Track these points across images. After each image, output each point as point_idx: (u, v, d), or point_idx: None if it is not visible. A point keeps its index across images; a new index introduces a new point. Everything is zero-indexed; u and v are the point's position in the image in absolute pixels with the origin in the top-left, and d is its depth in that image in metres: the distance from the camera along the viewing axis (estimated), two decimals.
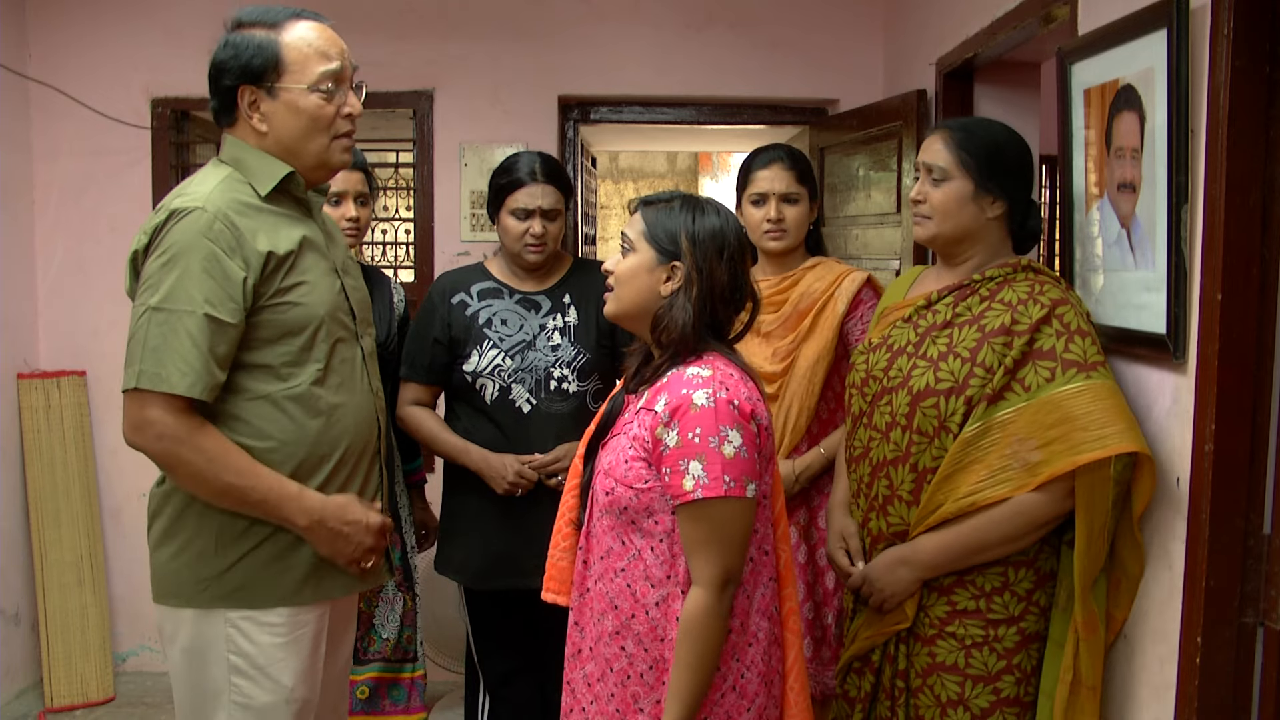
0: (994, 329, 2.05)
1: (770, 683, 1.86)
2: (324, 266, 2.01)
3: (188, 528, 1.94)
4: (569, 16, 4.13)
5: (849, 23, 4.16)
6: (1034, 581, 2.06)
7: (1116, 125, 2.08)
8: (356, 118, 2.01)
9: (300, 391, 1.93)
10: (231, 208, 1.88)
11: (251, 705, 1.94)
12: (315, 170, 2.02)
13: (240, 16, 1.96)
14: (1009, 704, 2.06)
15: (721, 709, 1.80)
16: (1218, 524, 1.78)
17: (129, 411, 1.86)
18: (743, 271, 1.90)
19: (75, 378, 4.05)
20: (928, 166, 2.17)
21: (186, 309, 1.81)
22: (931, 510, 2.06)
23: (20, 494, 3.95)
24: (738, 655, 1.82)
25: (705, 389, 1.76)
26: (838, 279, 2.63)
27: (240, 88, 1.94)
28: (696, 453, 1.74)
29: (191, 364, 1.81)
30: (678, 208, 1.88)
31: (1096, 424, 1.91)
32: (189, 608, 1.94)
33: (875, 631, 2.15)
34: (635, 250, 1.89)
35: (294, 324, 1.92)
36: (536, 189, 2.70)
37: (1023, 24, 2.78)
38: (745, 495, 1.74)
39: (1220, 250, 1.76)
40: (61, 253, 4.07)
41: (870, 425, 2.21)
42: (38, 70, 4.00)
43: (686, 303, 1.83)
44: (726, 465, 1.73)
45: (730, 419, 1.75)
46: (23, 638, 3.95)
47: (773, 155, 2.70)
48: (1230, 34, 1.73)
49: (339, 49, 1.98)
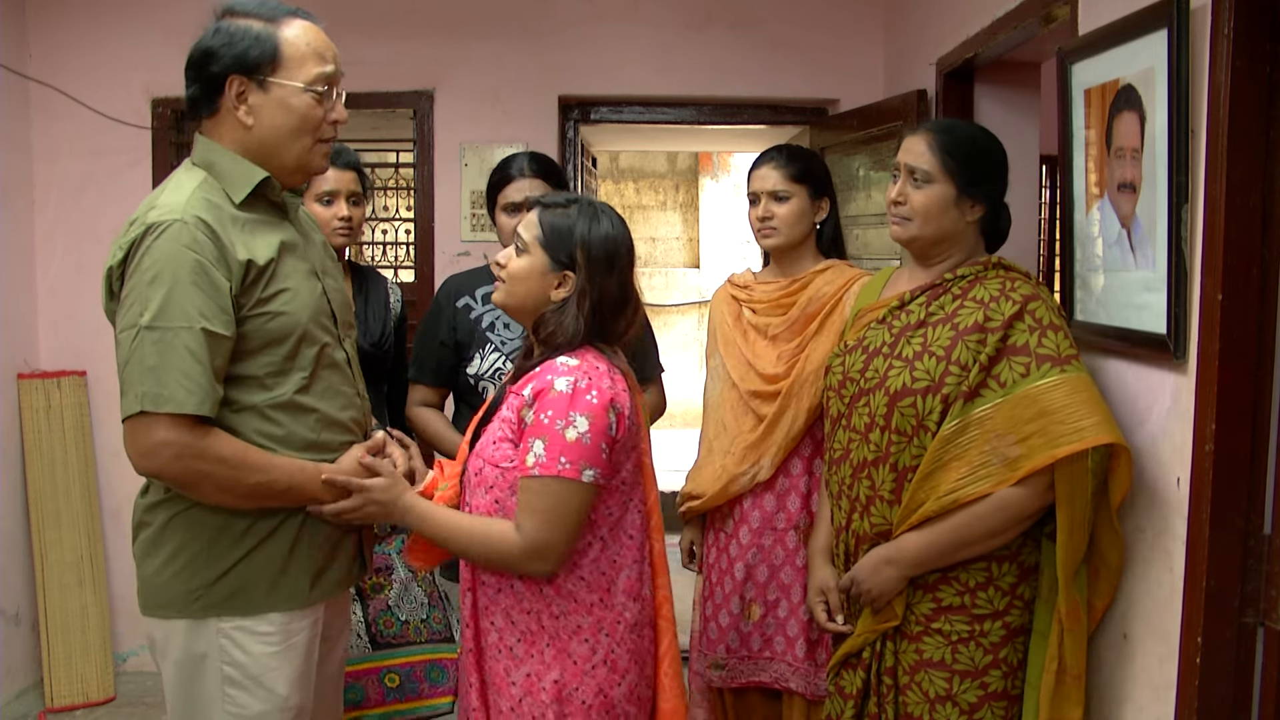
0: (967, 326, 2.07)
1: (642, 663, 1.93)
2: (304, 270, 1.96)
3: (176, 537, 1.88)
4: (569, 16, 4.13)
5: (849, 22, 4.17)
6: (1017, 575, 2.07)
7: (1117, 125, 2.08)
8: (341, 125, 1.97)
9: (285, 400, 1.89)
10: (210, 217, 1.81)
11: (244, 715, 1.90)
12: (293, 173, 1.96)
13: (233, 4, 1.89)
14: (997, 698, 2.07)
15: (593, 680, 1.87)
16: (1218, 524, 1.78)
17: (136, 438, 1.77)
18: (631, 280, 1.99)
19: (75, 378, 4.05)
20: (909, 168, 2.17)
21: (182, 325, 1.74)
22: (914, 509, 2.07)
23: (21, 494, 3.95)
24: (606, 631, 1.89)
25: (568, 377, 1.85)
26: (847, 283, 2.61)
27: (230, 77, 1.86)
28: (543, 433, 1.83)
29: (197, 380, 1.74)
30: (574, 215, 1.94)
31: (1073, 417, 1.93)
32: (181, 618, 1.89)
33: (866, 629, 2.17)
34: (529, 253, 1.95)
35: (277, 333, 1.86)
36: (525, 183, 2.72)
37: (1023, 24, 2.78)
38: (579, 479, 1.81)
39: (1221, 250, 1.76)
40: (61, 252, 4.07)
41: (849, 427, 2.22)
42: (38, 70, 4.00)
43: (578, 314, 1.92)
44: (565, 448, 1.81)
45: (583, 407, 1.83)
46: (23, 638, 3.95)
47: (767, 155, 2.70)
48: (1231, 34, 1.73)
49: (333, 53, 1.94)
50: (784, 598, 2.61)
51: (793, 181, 2.65)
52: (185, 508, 1.87)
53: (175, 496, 1.87)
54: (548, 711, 1.85)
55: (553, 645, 1.87)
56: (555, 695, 1.85)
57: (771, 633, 2.62)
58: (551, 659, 1.86)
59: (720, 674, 2.67)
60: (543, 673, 1.86)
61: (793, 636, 2.60)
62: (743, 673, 2.65)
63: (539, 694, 1.85)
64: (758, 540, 2.63)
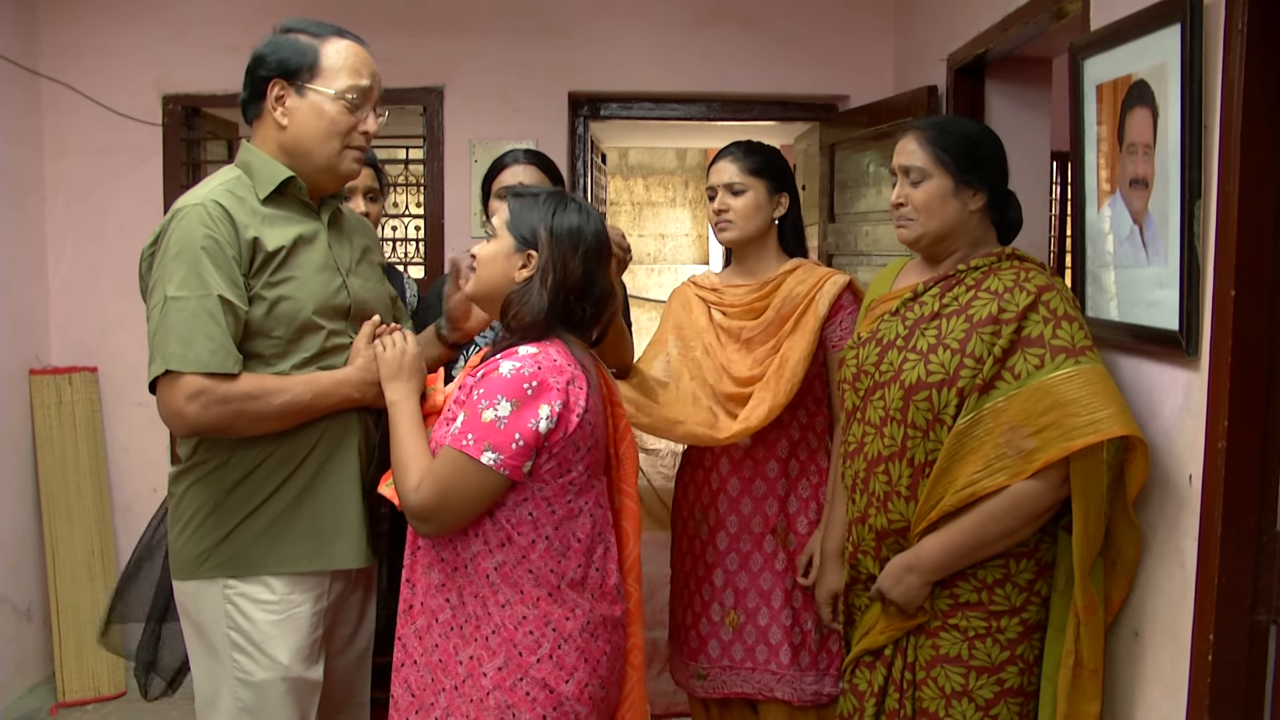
0: (981, 318, 2.06)
1: (595, 665, 1.92)
2: (319, 264, 2.08)
3: (192, 503, 2.04)
4: (579, 13, 4.13)
5: (859, 18, 4.15)
6: (1035, 572, 2.07)
7: (1129, 121, 2.07)
8: (371, 136, 2.10)
9: (284, 372, 2.02)
10: (227, 202, 1.98)
11: (250, 681, 2.03)
12: (324, 174, 2.10)
13: (288, 23, 2.09)
14: (1013, 694, 2.07)
15: (538, 673, 1.86)
16: (1230, 521, 1.78)
17: (167, 398, 1.93)
18: (599, 269, 1.98)
19: (86, 374, 4.06)
20: (904, 169, 2.18)
21: (203, 293, 1.90)
22: (932, 505, 2.07)
23: (32, 489, 3.96)
24: (554, 626, 1.88)
25: (515, 362, 1.85)
26: (819, 282, 2.57)
27: (271, 80, 2.04)
28: (466, 408, 1.85)
29: (219, 341, 1.91)
30: (541, 202, 1.97)
31: (1088, 409, 1.92)
32: (192, 580, 2.05)
33: (892, 626, 2.15)
34: (497, 237, 1.98)
35: (280, 317, 2.00)
36: (519, 169, 2.72)
37: (1034, 19, 2.77)
38: (478, 459, 1.81)
39: (1234, 246, 1.76)
40: (72, 249, 4.08)
41: (864, 420, 2.21)
42: (49, 67, 4.01)
43: (542, 290, 1.92)
44: (477, 426, 1.82)
45: (514, 393, 1.82)
46: (35, 632, 3.96)
47: (726, 150, 2.67)
48: (1244, 29, 1.72)
49: (372, 71, 2.09)
50: (764, 604, 2.58)
51: (749, 175, 2.60)
52: (201, 475, 2.04)
53: (195, 464, 2.04)
54: (488, 697, 1.85)
55: (499, 634, 1.86)
56: (497, 682, 1.85)
57: (753, 642, 2.59)
58: (497, 646, 1.86)
59: (702, 684, 2.64)
60: (485, 658, 1.86)
61: (775, 644, 2.57)
62: (725, 683, 2.62)
63: (479, 678, 1.86)
64: (735, 545, 2.61)
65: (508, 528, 1.87)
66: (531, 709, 1.85)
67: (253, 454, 2.02)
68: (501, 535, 1.87)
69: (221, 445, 2.02)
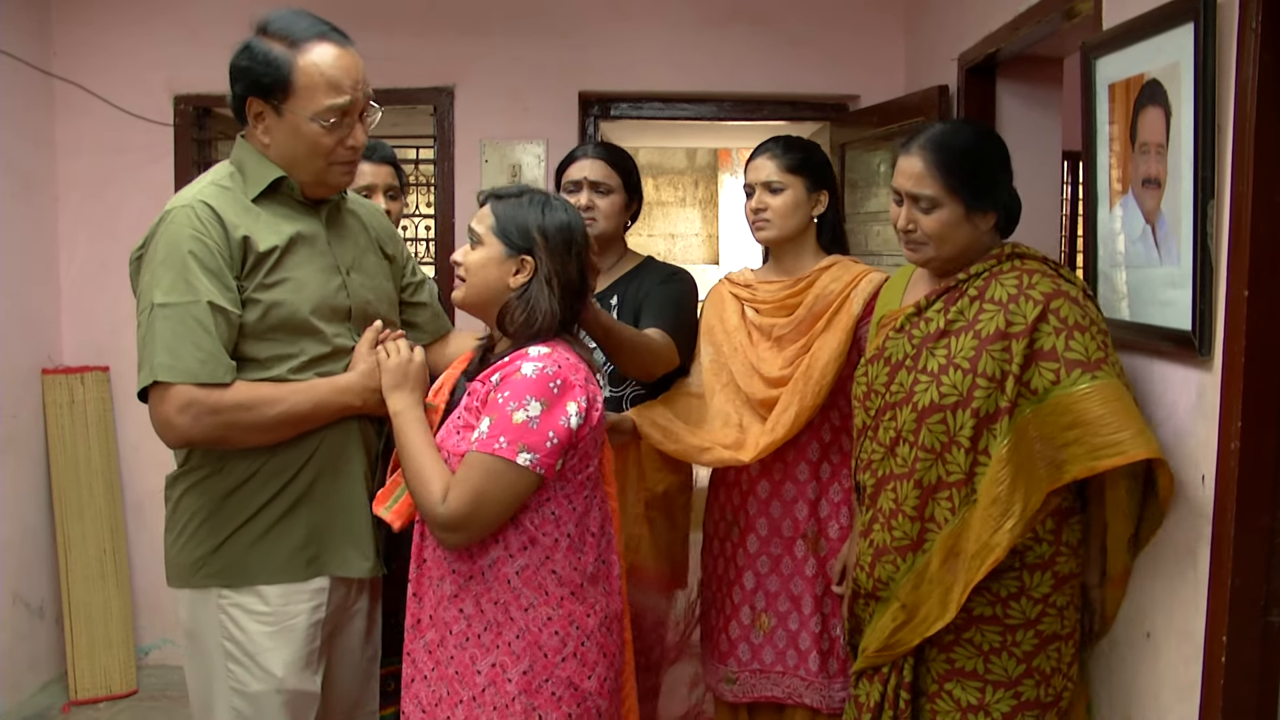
0: (989, 334, 2.02)
1: (611, 658, 1.93)
2: (318, 264, 2.02)
3: (187, 510, 2.00)
4: (589, 13, 4.13)
5: (870, 18, 4.15)
6: (1052, 585, 2.03)
7: (1141, 120, 2.07)
8: (361, 145, 2.04)
9: (279, 379, 1.96)
10: (216, 202, 1.92)
11: (245, 692, 1.99)
12: (314, 186, 2.04)
13: (267, 22, 1.96)
14: (1030, 707, 2.04)
15: (563, 672, 1.86)
16: (1244, 522, 1.77)
17: (158, 410, 1.87)
18: (587, 266, 1.99)
19: (99, 373, 4.08)
20: (912, 195, 2.10)
21: (191, 299, 1.84)
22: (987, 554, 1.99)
23: (44, 488, 3.98)
24: (577, 624, 1.88)
25: (536, 363, 1.84)
26: (854, 279, 2.50)
27: (249, 99, 1.97)
28: (494, 412, 1.82)
29: (208, 350, 1.85)
30: (526, 203, 1.95)
31: (1109, 429, 1.89)
32: (186, 588, 2.01)
33: (914, 634, 2.08)
34: (484, 244, 1.95)
35: (275, 320, 1.94)
36: (586, 163, 2.71)
37: (1046, 19, 2.76)
38: (514, 460, 1.78)
39: (1247, 246, 1.75)
40: (84, 248, 4.09)
41: (875, 439, 2.18)
42: (61, 67, 4.03)
43: (551, 294, 1.91)
44: (509, 428, 1.79)
45: (542, 392, 1.81)
46: (47, 631, 3.98)
47: (764, 146, 2.60)
48: (1258, 28, 1.71)
49: (353, 80, 1.97)
50: (794, 609, 2.56)
51: (788, 172, 2.54)
52: (196, 481, 1.99)
53: (189, 470, 1.99)
54: (514, 703, 1.84)
55: (523, 638, 1.85)
56: (523, 686, 1.84)
57: (783, 646, 2.56)
58: (521, 650, 1.85)
59: (732, 689, 2.62)
60: (509, 664, 1.85)
61: (805, 650, 2.54)
62: (755, 687, 2.59)
63: (504, 685, 1.85)
64: (766, 549, 2.58)
65: (531, 529, 1.86)
66: (557, 708, 1.86)
67: (248, 461, 1.97)
68: (524, 538, 1.86)
69: (216, 452, 1.97)
